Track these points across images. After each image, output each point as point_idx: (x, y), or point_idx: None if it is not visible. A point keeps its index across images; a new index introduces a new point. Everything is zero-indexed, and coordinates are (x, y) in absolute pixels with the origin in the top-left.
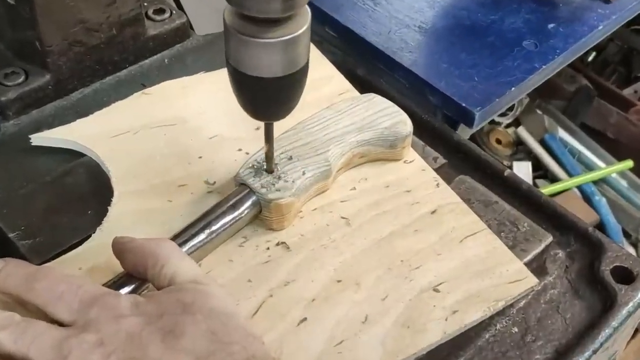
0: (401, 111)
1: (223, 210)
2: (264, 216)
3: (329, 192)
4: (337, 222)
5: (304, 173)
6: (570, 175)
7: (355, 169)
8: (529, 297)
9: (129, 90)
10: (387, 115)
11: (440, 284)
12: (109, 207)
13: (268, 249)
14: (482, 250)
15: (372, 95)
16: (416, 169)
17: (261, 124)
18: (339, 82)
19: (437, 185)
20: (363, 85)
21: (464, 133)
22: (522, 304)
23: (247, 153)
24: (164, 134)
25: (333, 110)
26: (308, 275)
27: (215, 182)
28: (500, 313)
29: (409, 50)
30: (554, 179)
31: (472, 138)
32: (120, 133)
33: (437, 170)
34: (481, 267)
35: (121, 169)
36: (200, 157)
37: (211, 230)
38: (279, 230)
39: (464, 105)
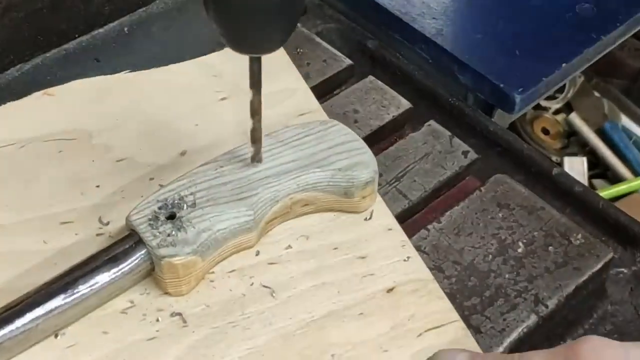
0: (366, 149)
1: (97, 265)
2: (157, 276)
3: (256, 249)
4: (258, 292)
5: (215, 223)
6: (635, 174)
7: (297, 220)
8: (586, 326)
9: (79, 67)
10: (345, 152)
11: None
12: None
13: (158, 320)
14: None
15: (334, 122)
16: (380, 228)
17: (188, 148)
18: (304, 98)
19: (404, 252)
20: (374, 61)
21: (501, 121)
22: (580, 330)
23: (161, 185)
24: (59, 150)
25: (273, 140)
26: None
27: (109, 223)
28: None
29: (433, 17)
30: (615, 179)
31: (513, 127)
32: (2, 145)
33: (468, 167)
34: None
35: None
36: (97, 186)
37: (74, 292)
38: (176, 295)
39: (501, 86)
